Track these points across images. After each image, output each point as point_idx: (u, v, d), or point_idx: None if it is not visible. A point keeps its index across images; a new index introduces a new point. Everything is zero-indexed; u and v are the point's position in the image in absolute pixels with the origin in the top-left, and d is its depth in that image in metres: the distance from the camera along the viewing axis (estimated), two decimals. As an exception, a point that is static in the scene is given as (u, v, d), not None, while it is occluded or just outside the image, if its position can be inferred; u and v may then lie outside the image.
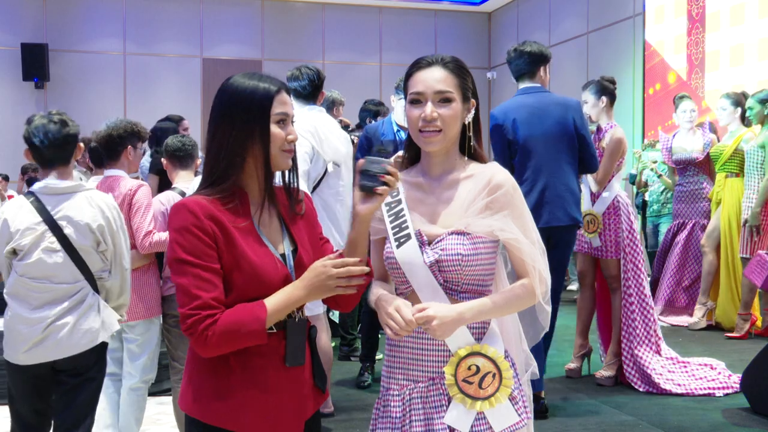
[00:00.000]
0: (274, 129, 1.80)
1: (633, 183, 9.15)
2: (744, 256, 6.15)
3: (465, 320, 1.84)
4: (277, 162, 1.83)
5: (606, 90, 4.96)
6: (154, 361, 3.77)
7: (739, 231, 6.27)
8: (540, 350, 4.25)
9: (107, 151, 3.70)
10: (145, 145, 4.09)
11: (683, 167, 6.88)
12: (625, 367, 4.83)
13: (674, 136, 7.00)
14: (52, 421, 3.03)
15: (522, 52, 4.38)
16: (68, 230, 2.84)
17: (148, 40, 12.50)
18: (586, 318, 5.19)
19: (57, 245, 2.84)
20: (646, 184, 8.30)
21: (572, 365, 5.16)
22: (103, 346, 3.01)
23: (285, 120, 1.83)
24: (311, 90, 4.28)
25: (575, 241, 4.62)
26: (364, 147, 4.96)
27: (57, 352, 2.86)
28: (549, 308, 2.01)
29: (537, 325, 2.05)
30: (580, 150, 4.32)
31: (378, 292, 1.92)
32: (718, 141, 6.93)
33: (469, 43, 13.91)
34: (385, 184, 1.76)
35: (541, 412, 4.19)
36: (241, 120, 1.78)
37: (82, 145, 3.03)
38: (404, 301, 1.84)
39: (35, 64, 11.70)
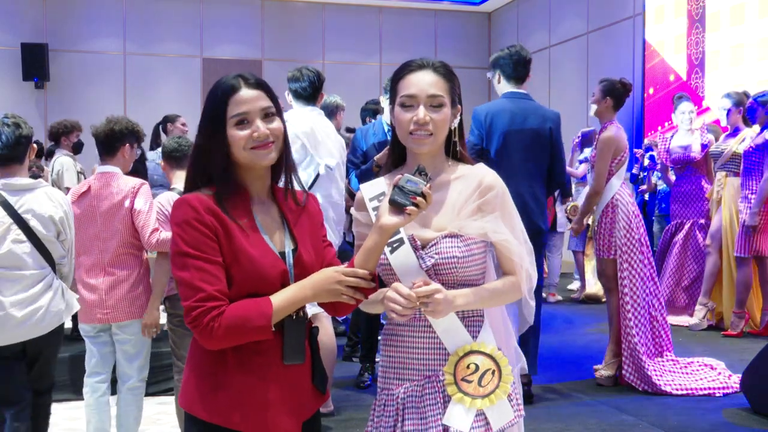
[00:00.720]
0: (233, 132, 1.78)
1: (633, 182, 9.17)
2: (740, 255, 6.15)
3: (456, 306, 1.85)
4: (250, 161, 1.81)
5: (613, 92, 4.96)
6: (148, 358, 3.78)
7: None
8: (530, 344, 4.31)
9: (105, 145, 3.68)
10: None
11: (681, 167, 6.88)
12: (624, 368, 4.82)
13: (673, 136, 7.00)
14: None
15: (521, 56, 4.44)
16: (33, 222, 3.17)
17: (148, 40, 12.51)
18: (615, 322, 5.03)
19: (23, 236, 3.16)
20: (656, 185, 8.31)
21: (604, 372, 4.95)
22: (63, 323, 3.37)
23: (245, 119, 1.79)
24: (311, 91, 4.29)
25: (543, 247, 4.68)
26: (356, 150, 4.96)
27: (33, 332, 3.20)
28: (533, 303, 2.04)
29: (521, 321, 2.08)
30: (551, 162, 4.42)
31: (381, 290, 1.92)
32: (716, 141, 6.93)
33: (469, 43, 13.91)
34: (416, 205, 1.75)
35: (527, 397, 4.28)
36: (205, 126, 1.82)
37: (35, 145, 3.34)
38: (399, 284, 1.84)
39: (35, 64, 11.70)
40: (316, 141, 4.13)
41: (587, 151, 8.30)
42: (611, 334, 4.97)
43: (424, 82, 1.90)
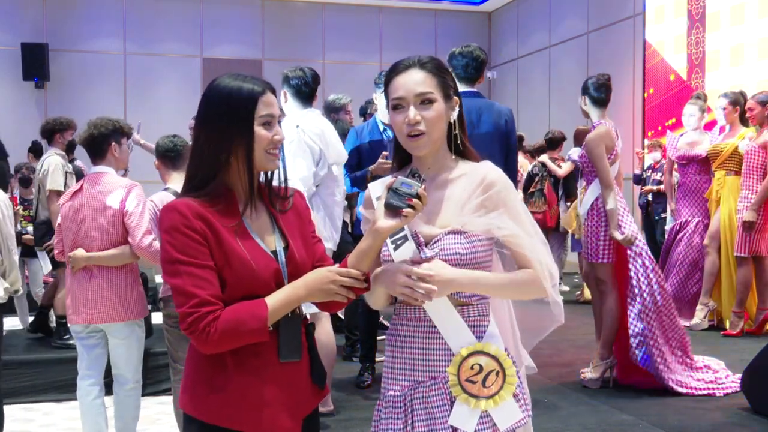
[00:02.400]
0: (260, 131, 1.80)
1: (637, 183, 9.17)
2: (740, 255, 6.15)
3: (459, 283, 1.83)
4: (262, 163, 1.83)
5: (585, 89, 4.91)
6: (141, 357, 3.76)
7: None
8: None
9: (91, 149, 3.68)
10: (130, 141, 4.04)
11: (685, 164, 6.86)
12: (649, 356, 4.73)
13: (681, 135, 6.99)
14: None
15: (477, 57, 4.40)
16: None
17: (148, 40, 12.51)
18: (598, 324, 4.98)
19: None
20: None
21: (588, 374, 4.89)
22: None
23: (270, 121, 1.82)
24: (314, 87, 4.29)
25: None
26: (353, 151, 4.89)
27: None
28: (560, 300, 1.99)
29: (545, 321, 2.04)
30: (506, 155, 4.33)
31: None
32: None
33: (469, 42, 13.90)
34: (411, 207, 1.74)
35: None
36: (226, 121, 1.79)
37: None
38: (408, 267, 1.82)
39: (35, 64, 11.71)
40: (326, 143, 4.13)
41: (574, 151, 8.24)
42: (601, 338, 4.92)
43: (410, 81, 1.89)
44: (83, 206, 3.60)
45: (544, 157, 8.56)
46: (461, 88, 4.41)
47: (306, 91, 4.26)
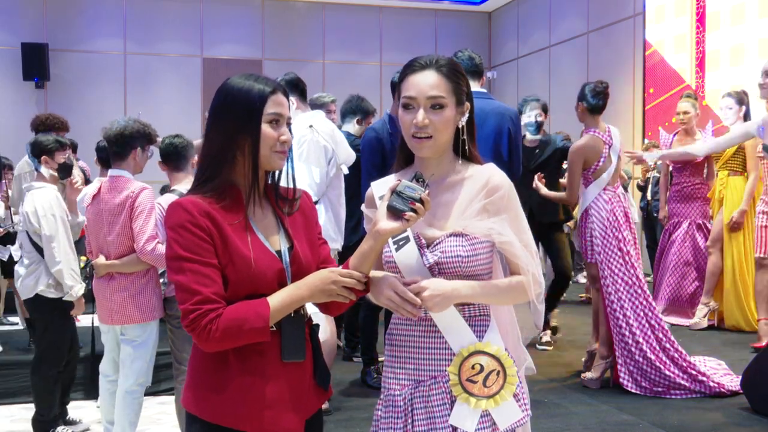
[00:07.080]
0: (266, 129, 1.81)
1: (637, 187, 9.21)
2: (761, 255, 5.76)
3: (460, 295, 1.84)
4: (268, 162, 1.84)
5: (583, 97, 4.88)
6: (150, 364, 3.77)
7: (743, 230, 6.26)
8: None
9: (116, 148, 3.70)
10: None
11: (680, 166, 6.84)
12: (620, 373, 4.76)
13: (674, 135, 6.97)
14: None
15: (472, 57, 4.46)
16: None
17: (148, 40, 12.51)
18: (595, 323, 5.04)
19: None
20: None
21: (588, 374, 4.92)
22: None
23: (278, 120, 1.83)
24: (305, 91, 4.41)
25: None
26: (375, 147, 4.79)
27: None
28: (542, 308, 2.01)
29: (529, 327, 2.06)
30: (508, 158, 4.35)
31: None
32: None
33: (469, 43, 13.89)
34: (414, 211, 1.75)
35: None
36: (235, 118, 1.80)
37: None
38: (394, 280, 1.83)
39: (35, 63, 11.70)
40: (336, 142, 4.22)
41: None
42: (600, 337, 4.93)
43: (424, 83, 1.89)
44: (101, 211, 3.67)
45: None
46: (473, 87, 4.42)
47: (305, 93, 4.38)
